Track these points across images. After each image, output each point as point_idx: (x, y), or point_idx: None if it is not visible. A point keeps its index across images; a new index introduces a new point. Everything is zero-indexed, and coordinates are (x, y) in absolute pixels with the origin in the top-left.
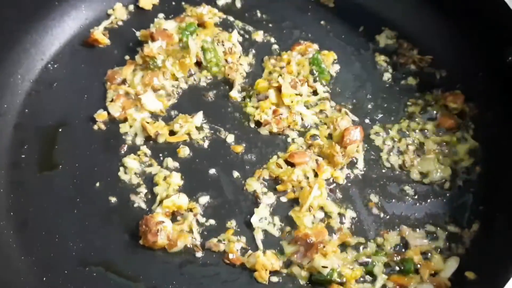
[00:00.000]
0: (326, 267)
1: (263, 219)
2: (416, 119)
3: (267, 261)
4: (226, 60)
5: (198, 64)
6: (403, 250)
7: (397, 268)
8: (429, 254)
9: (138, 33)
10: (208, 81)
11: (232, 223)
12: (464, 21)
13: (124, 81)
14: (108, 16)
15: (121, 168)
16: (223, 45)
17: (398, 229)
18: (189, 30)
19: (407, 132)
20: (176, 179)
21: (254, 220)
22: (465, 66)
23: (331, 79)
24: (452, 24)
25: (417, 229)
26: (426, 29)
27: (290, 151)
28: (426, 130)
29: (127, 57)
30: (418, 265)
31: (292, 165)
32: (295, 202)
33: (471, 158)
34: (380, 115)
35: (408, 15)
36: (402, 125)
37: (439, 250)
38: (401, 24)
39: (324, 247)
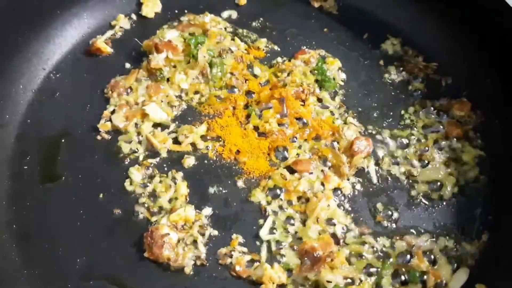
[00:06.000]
0: (331, 281)
1: (270, 231)
2: (422, 128)
3: (274, 274)
4: (231, 73)
5: (202, 73)
6: (409, 258)
7: (403, 278)
8: (436, 261)
9: (141, 43)
10: (213, 91)
11: (237, 235)
12: (469, 27)
13: (127, 91)
14: (111, 26)
15: (126, 179)
16: (231, 52)
17: (405, 240)
18: (197, 42)
19: (413, 141)
20: (182, 190)
21: (262, 233)
22: (471, 73)
23: (337, 88)
24: (458, 30)
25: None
26: (431, 35)
27: (291, 157)
28: (432, 139)
29: (128, 66)
30: (425, 275)
31: (296, 172)
32: (301, 213)
33: (478, 168)
34: (385, 123)
35: (413, 22)
36: (408, 134)
37: (447, 257)
38: (405, 31)
39: (332, 260)
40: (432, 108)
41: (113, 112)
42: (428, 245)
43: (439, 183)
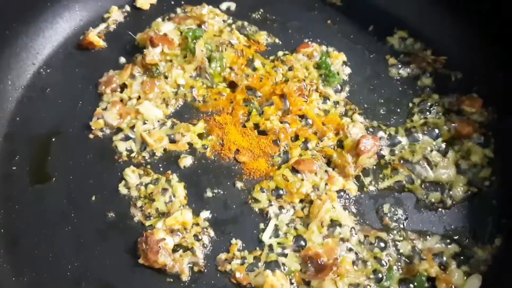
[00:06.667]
0: None
1: (272, 235)
2: (431, 125)
3: (276, 281)
4: (231, 68)
5: (199, 68)
6: (418, 263)
7: (411, 285)
8: (446, 266)
9: (135, 36)
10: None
11: (237, 240)
12: (480, 19)
13: (121, 87)
14: (104, 18)
15: (121, 181)
16: (232, 46)
17: (413, 243)
18: (195, 35)
19: (421, 139)
20: (179, 191)
21: (265, 237)
22: (482, 67)
23: (342, 83)
24: (468, 22)
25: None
26: (440, 28)
27: (293, 157)
28: (442, 137)
29: (122, 60)
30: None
31: (298, 173)
32: (305, 216)
33: (490, 168)
34: (393, 120)
35: (421, 13)
36: (417, 131)
37: (457, 263)
38: (413, 22)
39: (337, 268)
40: (441, 104)
41: (106, 109)
42: (437, 247)
43: (449, 184)
